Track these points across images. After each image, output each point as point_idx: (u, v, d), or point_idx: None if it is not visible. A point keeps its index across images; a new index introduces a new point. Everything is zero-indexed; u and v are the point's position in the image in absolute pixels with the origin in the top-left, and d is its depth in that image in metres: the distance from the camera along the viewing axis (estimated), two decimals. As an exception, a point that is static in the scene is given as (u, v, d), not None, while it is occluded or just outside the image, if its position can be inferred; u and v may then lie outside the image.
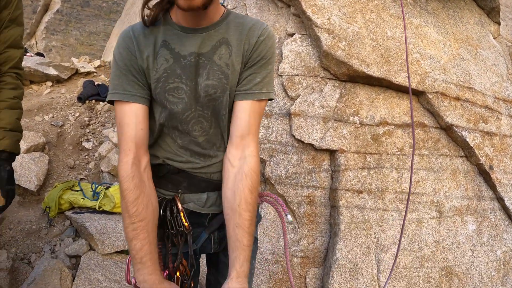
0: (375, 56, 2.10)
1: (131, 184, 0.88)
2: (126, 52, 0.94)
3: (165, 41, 0.93)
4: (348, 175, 2.02)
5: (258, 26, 0.97)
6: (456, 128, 2.20)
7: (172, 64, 0.92)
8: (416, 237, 2.10)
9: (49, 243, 2.48)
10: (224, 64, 0.93)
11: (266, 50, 0.97)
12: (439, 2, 2.57)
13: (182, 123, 0.96)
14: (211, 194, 1.05)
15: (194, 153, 1.00)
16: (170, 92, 0.92)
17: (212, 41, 0.94)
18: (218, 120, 0.98)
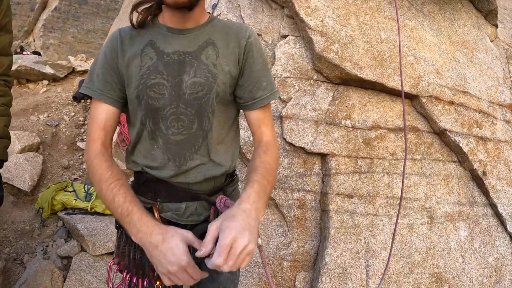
0: (368, 59, 2.08)
1: (103, 158, 0.93)
2: (109, 51, 0.98)
3: (151, 41, 0.97)
4: (339, 179, 2.00)
5: (244, 28, 1.02)
6: (449, 133, 2.18)
7: (155, 62, 0.95)
8: (406, 242, 2.08)
9: (42, 244, 2.49)
10: (211, 64, 0.96)
11: (260, 52, 1.03)
12: (436, 4, 2.54)
13: (163, 119, 0.96)
14: (190, 204, 1.04)
15: (172, 155, 0.98)
16: (151, 88, 0.94)
17: (198, 41, 0.97)
18: (202, 119, 0.97)
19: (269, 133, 1.05)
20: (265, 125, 1.05)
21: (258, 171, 0.92)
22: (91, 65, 1.06)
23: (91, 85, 0.97)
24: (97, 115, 0.97)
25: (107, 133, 0.97)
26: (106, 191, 0.88)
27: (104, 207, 2.37)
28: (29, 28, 7.82)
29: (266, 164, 0.96)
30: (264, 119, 1.05)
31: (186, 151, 0.98)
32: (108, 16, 8.80)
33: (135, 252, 1.00)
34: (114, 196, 0.87)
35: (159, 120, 0.96)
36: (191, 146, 0.98)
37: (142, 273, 1.00)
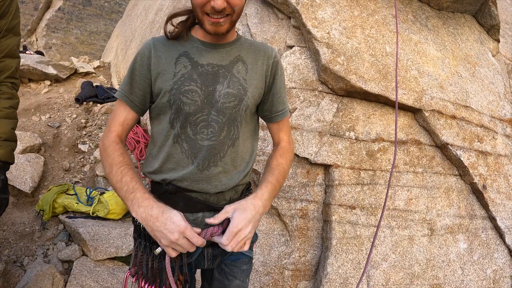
0: (373, 72, 2.11)
1: (116, 146, 1.02)
2: (140, 58, 1.05)
3: (185, 52, 1.04)
4: (342, 190, 2.02)
5: (269, 48, 1.14)
6: (451, 147, 2.21)
7: (190, 70, 1.02)
8: (407, 254, 2.10)
9: (42, 247, 2.48)
10: (242, 78, 1.05)
11: (282, 70, 1.16)
12: (440, 19, 2.58)
13: (192, 124, 1.01)
14: (207, 214, 1.06)
15: (197, 159, 1.02)
16: (184, 93, 1.00)
17: (230, 56, 1.06)
18: (231, 128, 1.04)
19: (286, 139, 1.19)
20: (284, 132, 1.19)
21: (274, 173, 1.06)
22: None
23: (122, 89, 1.08)
24: (118, 113, 1.07)
25: (124, 129, 1.06)
26: (116, 172, 0.96)
27: (106, 212, 2.37)
28: (32, 27, 7.80)
29: (281, 167, 1.09)
30: (283, 127, 1.19)
31: (212, 157, 1.03)
32: (112, 18, 8.81)
33: (153, 261, 1.03)
34: (122, 176, 0.95)
35: (187, 125, 1.01)
36: (217, 152, 1.03)
37: (159, 282, 1.03)
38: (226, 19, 0.96)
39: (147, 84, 1.04)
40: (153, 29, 3.90)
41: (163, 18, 3.74)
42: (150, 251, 1.03)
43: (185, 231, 0.87)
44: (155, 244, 1.01)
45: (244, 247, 0.94)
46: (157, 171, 1.06)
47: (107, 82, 4.46)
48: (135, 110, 1.07)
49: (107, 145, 1.02)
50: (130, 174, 0.96)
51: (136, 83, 1.05)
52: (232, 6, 0.94)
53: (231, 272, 1.15)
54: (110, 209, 2.35)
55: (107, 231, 2.29)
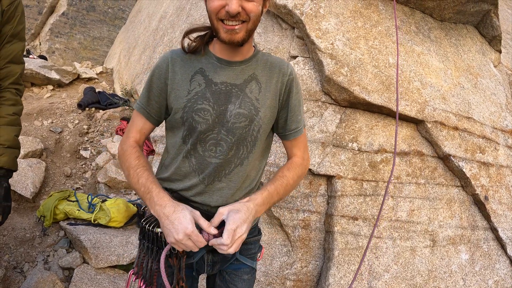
0: (376, 83, 2.11)
1: (133, 150, 1.06)
2: (158, 71, 1.08)
3: (201, 69, 1.05)
4: (344, 201, 2.02)
5: (285, 64, 1.13)
6: (453, 158, 2.21)
7: (204, 89, 1.04)
8: (409, 265, 2.10)
9: (43, 253, 2.47)
10: (254, 98, 1.06)
11: (298, 87, 1.14)
12: (442, 30, 2.59)
13: (202, 142, 1.04)
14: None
15: (203, 175, 1.06)
16: (197, 112, 1.02)
17: (244, 75, 1.07)
18: (240, 148, 1.05)
19: (299, 154, 1.18)
20: (297, 148, 1.18)
21: (274, 182, 1.07)
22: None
23: (140, 101, 1.12)
24: (136, 122, 1.12)
25: (141, 135, 1.12)
26: (133, 174, 1.01)
27: (108, 220, 2.36)
28: (36, 32, 7.83)
29: (284, 179, 1.09)
30: (297, 143, 1.18)
31: (217, 174, 1.05)
32: (115, 24, 8.86)
33: (152, 263, 1.06)
34: (139, 178, 1.00)
35: (197, 142, 1.04)
36: (222, 169, 1.06)
37: (156, 286, 1.05)
38: (242, 26, 0.95)
39: (163, 98, 1.07)
40: (156, 36, 3.91)
41: (167, 25, 3.75)
42: (152, 253, 1.06)
43: (191, 234, 0.90)
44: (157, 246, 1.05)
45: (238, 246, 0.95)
46: (166, 180, 1.10)
47: (109, 88, 4.46)
48: (151, 121, 1.11)
49: (125, 149, 1.07)
50: (146, 175, 1.00)
51: (153, 96, 1.08)
52: (247, 12, 0.93)
53: (231, 280, 1.17)
54: (111, 217, 2.35)
55: (109, 239, 2.29)
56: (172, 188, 1.09)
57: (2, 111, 1.45)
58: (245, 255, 1.18)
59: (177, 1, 3.96)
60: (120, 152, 1.09)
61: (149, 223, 1.08)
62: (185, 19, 3.51)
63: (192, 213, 0.94)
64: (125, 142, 1.09)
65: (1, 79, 1.45)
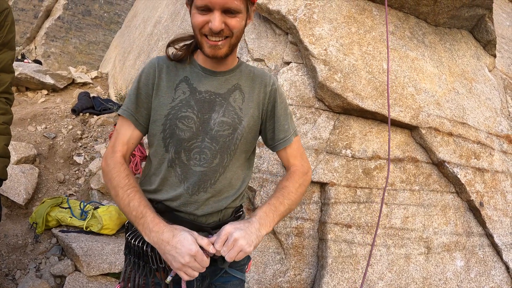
0: (370, 90, 2.10)
1: (121, 168, 1.02)
2: (145, 76, 1.07)
3: (186, 77, 1.06)
4: (338, 209, 2.00)
5: (268, 75, 1.15)
6: (448, 164, 2.20)
7: (188, 96, 1.04)
8: (403, 272, 2.08)
9: (35, 260, 2.45)
10: (237, 107, 1.07)
11: (282, 97, 1.15)
12: (437, 35, 2.59)
13: (186, 150, 1.03)
14: None
15: (188, 184, 1.04)
16: (181, 119, 1.02)
17: (228, 85, 1.08)
18: (223, 156, 1.05)
19: (297, 163, 1.17)
20: (293, 157, 1.17)
21: (275, 194, 1.07)
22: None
23: (125, 106, 1.08)
24: (123, 131, 1.07)
25: (128, 148, 1.07)
26: (123, 196, 0.97)
27: (100, 227, 2.34)
28: (32, 35, 7.81)
29: (285, 190, 1.08)
30: (291, 153, 1.17)
31: (202, 183, 1.04)
32: (111, 29, 8.85)
33: (140, 278, 1.05)
34: (129, 200, 0.96)
35: (181, 151, 1.03)
36: (208, 179, 1.05)
37: None
38: (225, 42, 0.96)
39: (150, 103, 1.06)
40: (151, 41, 3.90)
41: (161, 30, 3.74)
42: (139, 268, 1.05)
43: (196, 255, 0.88)
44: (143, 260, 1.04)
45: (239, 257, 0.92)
46: (151, 191, 1.08)
47: (104, 93, 4.44)
48: (139, 129, 1.08)
49: (112, 166, 1.02)
50: (138, 198, 0.97)
51: (141, 102, 1.06)
52: (230, 29, 0.94)
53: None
54: (103, 224, 2.33)
55: (101, 247, 2.27)
56: (156, 199, 1.07)
57: None
58: (234, 267, 1.16)
59: (172, 6, 3.95)
60: (105, 168, 1.05)
61: (134, 237, 1.07)
62: (179, 24, 3.50)
63: (191, 233, 0.92)
64: (111, 157, 1.05)
65: None
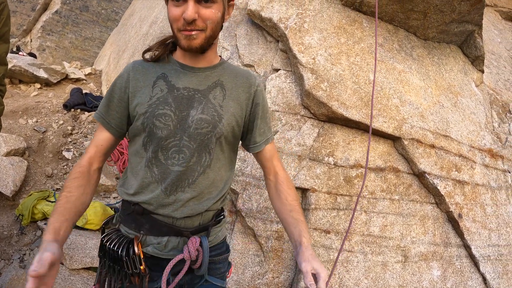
0: (355, 99, 2.15)
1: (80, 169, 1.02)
2: (119, 81, 1.06)
3: (163, 74, 1.04)
4: (318, 215, 2.05)
5: (253, 75, 1.13)
6: (428, 176, 2.25)
7: (166, 94, 1.01)
8: (380, 280, 2.13)
9: (19, 252, 2.47)
10: (218, 104, 1.03)
11: (265, 100, 1.14)
12: (425, 49, 2.64)
13: (163, 149, 1.00)
14: (173, 239, 1.05)
15: (165, 184, 1.01)
16: (158, 117, 0.99)
17: (208, 81, 1.04)
18: (201, 155, 1.02)
19: (282, 167, 1.17)
20: (276, 159, 1.17)
21: (298, 210, 1.07)
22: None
23: (100, 111, 1.08)
24: (97, 134, 1.09)
25: (98, 150, 1.06)
26: (60, 198, 0.97)
27: (84, 222, 2.37)
28: (28, 28, 7.79)
29: (298, 201, 1.11)
30: (271, 155, 1.16)
31: (180, 183, 1.01)
32: (107, 26, 8.82)
33: (115, 281, 1.04)
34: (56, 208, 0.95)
35: (159, 149, 1.00)
36: (186, 178, 1.02)
37: None
38: (199, 33, 0.94)
39: (123, 107, 1.05)
40: (146, 41, 3.92)
41: (157, 31, 3.77)
42: (114, 272, 1.04)
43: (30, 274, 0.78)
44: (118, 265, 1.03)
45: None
46: (128, 193, 1.07)
47: (97, 90, 4.45)
48: (111, 132, 1.07)
49: (75, 167, 1.03)
50: (60, 211, 0.94)
51: (113, 105, 1.05)
52: (204, 19, 0.93)
53: None
54: (88, 219, 2.36)
55: (84, 241, 2.29)
56: (133, 200, 1.05)
57: None
58: (214, 275, 1.14)
59: (170, 5, 3.97)
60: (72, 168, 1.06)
61: (109, 240, 1.05)
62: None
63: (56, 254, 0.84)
64: (82, 158, 1.05)
65: None
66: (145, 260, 1.03)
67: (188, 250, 1.03)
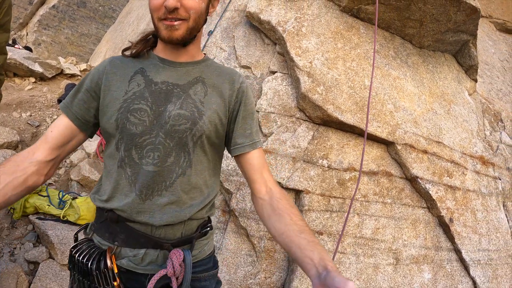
0: (350, 104, 2.18)
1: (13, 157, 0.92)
2: (93, 72, 0.99)
3: (142, 68, 0.97)
4: (311, 216, 2.07)
5: (237, 73, 1.05)
6: (420, 180, 2.28)
7: (142, 88, 0.94)
8: (371, 281, 2.15)
9: (9, 245, 2.45)
10: (198, 101, 0.95)
11: (251, 99, 1.05)
12: (420, 56, 2.69)
13: (137, 147, 0.91)
14: (151, 251, 0.94)
15: (139, 186, 0.92)
16: (132, 112, 0.91)
17: (189, 77, 0.98)
18: (180, 154, 0.93)
19: (275, 181, 1.02)
20: (267, 171, 1.02)
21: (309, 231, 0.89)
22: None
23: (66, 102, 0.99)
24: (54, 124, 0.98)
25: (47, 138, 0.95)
26: None
27: (77, 217, 2.36)
28: (24, 21, 7.73)
29: (305, 221, 0.97)
30: (264, 164, 1.02)
31: (156, 185, 0.92)
32: (104, 23, 8.76)
33: None
34: None
35: (132, 148, 0.92)
36: (162, 180, 0.92)
37: None
38: (181, 23, 0.89)
39: (92, 98, 0.97)
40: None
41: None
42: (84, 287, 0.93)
43: None
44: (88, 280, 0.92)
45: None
46: (101, 200, 0.96)
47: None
48: (70, 118, 0.96)
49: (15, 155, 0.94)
50: None
51: (80, 94, 0.97)
52: (187, 9, 0.88)
53: None
54: (81, 214, 2.35)
55: (76, 237, 2.28)
56: (106, 207, 0.95)
57: None
58: None
59: (169, 4, 3.98)
60: None
61: (79, 251, 0.94)
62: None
63: None
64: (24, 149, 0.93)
65: None
66: (119, 275, 0.92)
67: (172, 264, 0.90)
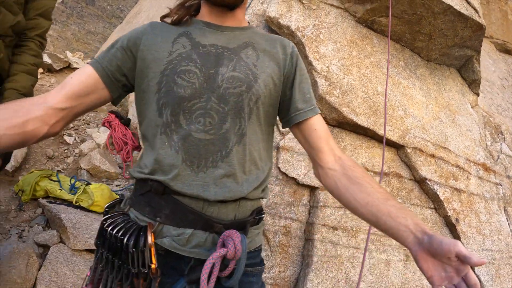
0: (364, 108, 2.30)
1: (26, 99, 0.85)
2: (132, 32, 0.91)
3: (186, 31, 0.89)
4: (326, 212, 2.14)
5: (286, 40, 0.99)
6: (428, 182, 2.39)
7: (189, 50, 0.86)
8: (383, 276, 2.21)
9: (17, 227, 2.40)
10: (251, 64, 0.87)
11: (303, 65, 0.98)
12: (427, 69, 2.85)
13: (185, 112, 0.81)
14: (199, 233, 0.81)
15: (189, 156, 0.81)
16: (180, 74, 0.82)
17: (238, 41, 0.90)
18: (236, 120, 0.83)
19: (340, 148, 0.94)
20: (332, 140, 0.93)
21: (393, 197, 0.84)
22: None
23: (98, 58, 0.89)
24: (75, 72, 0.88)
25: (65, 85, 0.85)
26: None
27: (90, 203, 2.34)
28: (32, 15, 7.77)
29: (381, 186, 0.91)
30: (328, 132, 0.93)
31: (210, 155, 0.81)
32: (111, 22, 8.74)
33: (113, 282, 0.80)
34: None
35: (180, 112, 0.82)
36: (217, 150, 0.81)
37: None
38: None
39: (127, 57, 0.87)
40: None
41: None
42: (112, 269, 0.79)
43: None
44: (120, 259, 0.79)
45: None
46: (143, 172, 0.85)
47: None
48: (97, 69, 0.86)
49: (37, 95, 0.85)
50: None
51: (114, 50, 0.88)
52: None
53: None
54: (95, 200, 2.33)
55: (89, 222, 2.26)
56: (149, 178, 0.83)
57: (23, 59, 1.49)
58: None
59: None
60: None
61: (113, 225, 0.81)
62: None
63: None
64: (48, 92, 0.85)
65: (29, 29, 1.51)
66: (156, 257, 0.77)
67: (234, 244, 0.76)
